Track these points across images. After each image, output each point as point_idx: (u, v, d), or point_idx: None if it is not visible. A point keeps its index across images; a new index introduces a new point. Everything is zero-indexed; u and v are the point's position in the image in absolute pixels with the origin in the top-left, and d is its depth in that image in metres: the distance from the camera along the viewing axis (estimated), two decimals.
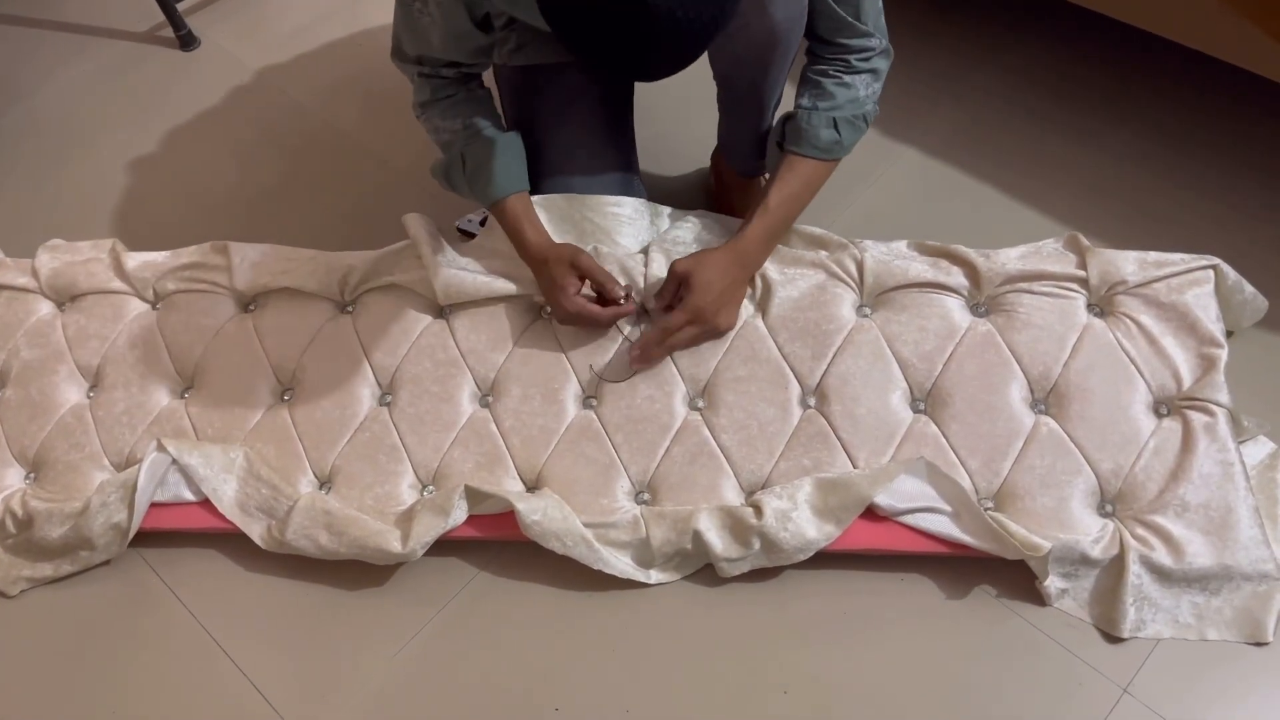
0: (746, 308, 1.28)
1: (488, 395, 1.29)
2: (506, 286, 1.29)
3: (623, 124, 1.39)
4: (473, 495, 1.19)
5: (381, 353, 1.31)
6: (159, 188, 1.74)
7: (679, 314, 1.22)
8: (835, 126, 1.20)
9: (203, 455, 1.25)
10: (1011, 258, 1.25)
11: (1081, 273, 1.22)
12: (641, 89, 1.41)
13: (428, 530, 1.18)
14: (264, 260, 1.38)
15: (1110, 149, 1.55)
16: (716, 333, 1.25)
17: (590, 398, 1.26)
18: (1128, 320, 1.20)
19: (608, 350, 1.27)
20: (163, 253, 1.43)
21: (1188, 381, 1.17)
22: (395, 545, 1.17)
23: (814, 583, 1.18)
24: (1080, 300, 1.23)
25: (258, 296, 1.38)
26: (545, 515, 1.16)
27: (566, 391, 1.26)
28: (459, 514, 1.19)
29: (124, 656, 1.23)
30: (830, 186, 1.26)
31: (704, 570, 1.20)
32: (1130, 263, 1.22)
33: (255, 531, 1.24)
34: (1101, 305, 1.23)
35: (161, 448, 1.26)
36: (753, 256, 1.25)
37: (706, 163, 1.57)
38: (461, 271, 1.30)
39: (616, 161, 1.36)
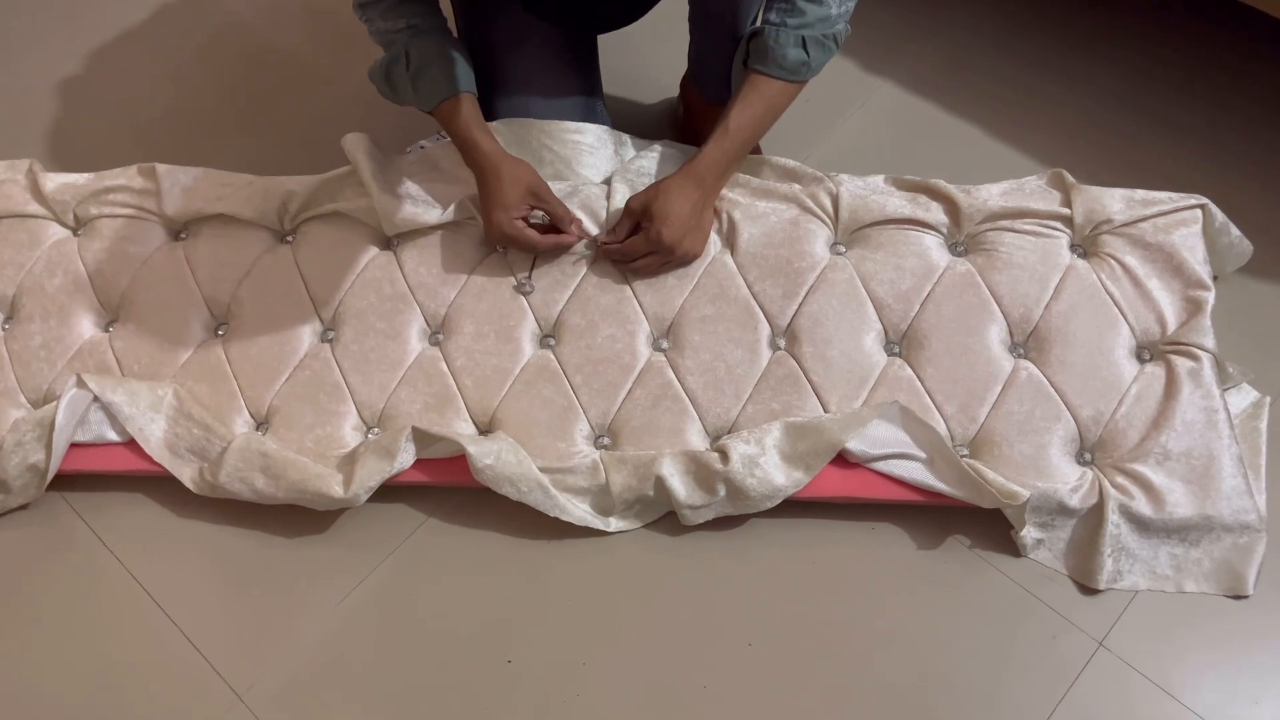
0: (714, 241, 1.21)
1: (438, 332, 1.21)
2: (459, 211, 1.20)
3: (586, 45, 1.30)
4: (421, 437, 1.11)
5: (323, 286, 1.22)
6: (86, 108, 1.62)
7: (639, 241, 1.15)
8: (804, 46, 1.12)
9: (128, 392, 1.16)
10: (993, 194, 1.19)
11: (1066, 210, 1.16)
12: None
13: (372, 474, 1.10)
14: (196, 185, 1.28)
15: (1093, 88, 1.49)
16: (684, 261, 1.18)
17: (548, 336, 1.19)
18: (1112, 261, 1.15)
19: (567, 288, 1.19)
20: (85, 175, 1.32)
21: (1172, 325, 1.13)
22: (337, 489, 1.10)
23: (780, 532, 1.12)
24: (1064, 239, 1.17)
25: (189, 224, 1.28)
26: (499, 459, 1.09)
27: (523, 329, 1.19)
28: (406, 457, 1.11)
29: (47, 609, 1.14)
30: (803, 120, 1.20)
31: (665, 519, 1.14)
32: (1117, 200, 1.16)
33: (186, 475, 1.16)
34: (1085, 245, 1.18)
35: (82, 384, 1.16)
36: (712, 180, 1.17)
37: (675, 91, 1.48)
38: (409, 198, 1.21)
39: (578, 85, 1.28)
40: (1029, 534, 1.07)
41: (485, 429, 1.17)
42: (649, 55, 1.51)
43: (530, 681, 1.06)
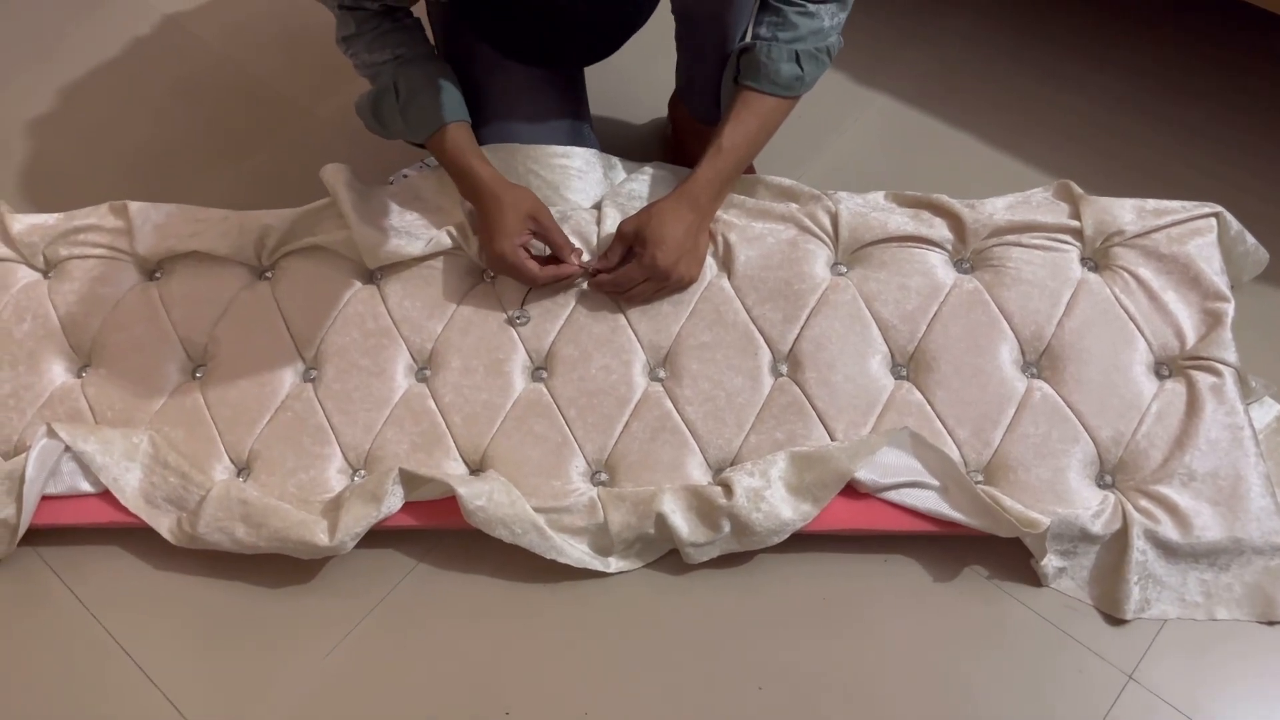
0: (710, 265, 1.16)
1: (424, 368, 1.15)
2: (442, 241, 1.16)
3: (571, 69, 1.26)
4: (408, 480, 1.06)
5: (304, 323, 1.17)
6: (57, 144, 1.56)
7: (634, 269, 1.11)
8: (797, 60, 1.08)
9: (101, 441, 1.11)
10: (999, 208, 1.14)
11: (1075, 223, 1.12)
12: None
13: (358, 520, 1.04)
14: (169, 222, 1.23)
15: (1094, 94, 1.45)
16: (680, 286, 1.13)
17: (540, 369, 1.14)
18: (1125, 274, 1.10)
19: (558, 318, 1.15)
20: (54, 215, 1.27)
21: (1191, 339, 1.08)
22: (322, 538, 1.04)
23: (789, 567, 1.07)
24: (1074, 253, 1.12)
25: (163, 262, 1.22)
26: (490, 500, 1.04)
27: (513, 362, 1.14)
28: (393, 501, 1.06)
29: (19, 668, 1.08)
30: (795, 137, 1.16)
31: (668, 556, 1.08)
32: (1128, 211, 1.12)
33: (164, 525, 1.10)
34: (1097, 258, 1.13)
35: (52, 433, 1.11)
36: (706, 201, 1.13)
37: (664, 111, 1.44)
38: (391, 230, 1.16)
39: (564, 108, 1.24)
40: (1050, 563, 1.02)
41: (476, 468, 1.11)
42: (636, 75, 1.47)
43: None
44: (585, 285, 1.16)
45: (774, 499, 1.03)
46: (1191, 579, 1.02)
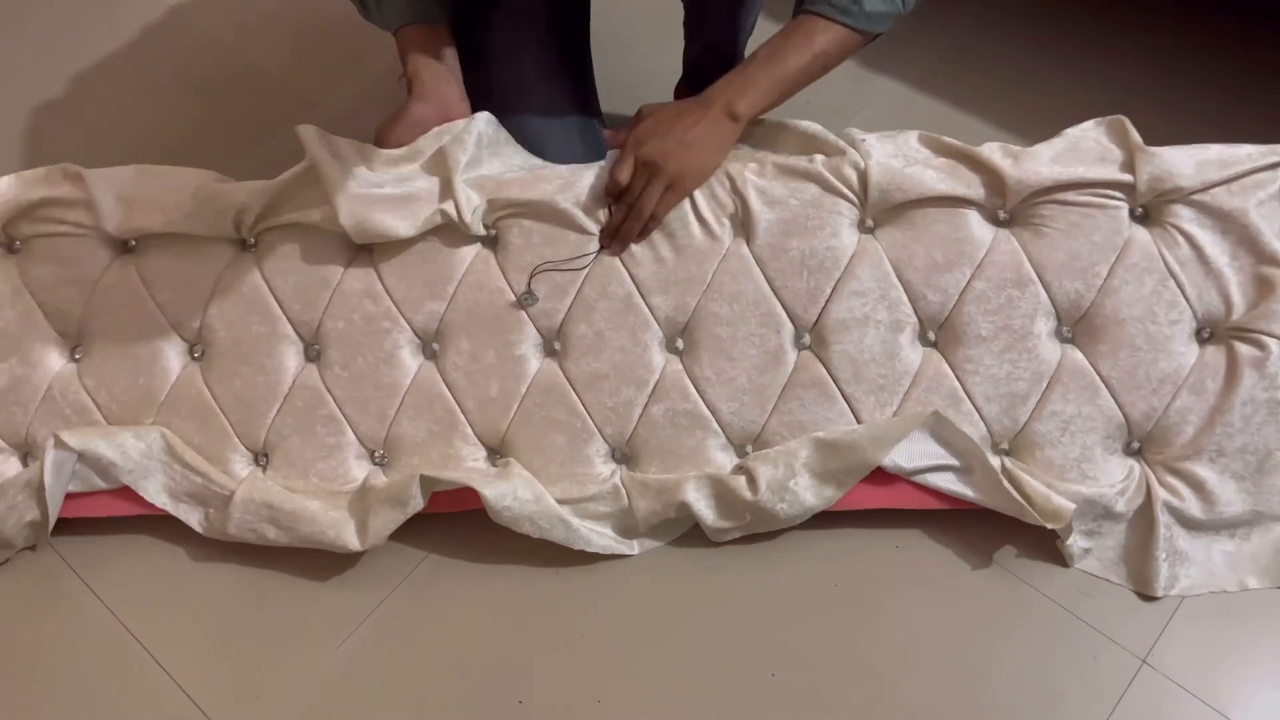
0: (727, 228, 1.06)
1: (432, 345, 1.10)
2: (432, 220, 1.06)
3: (580, 59, 1.17)
4: (430, 483, 1.06)
5: (299, 304, 1.10)
6: (61, 135, 1.53)
7: (622, 165, 1.00)
8: None
9: (115, 446, 1.08)
10: (1044, 160, 1.03)
11: (1127, 177, 1.01)
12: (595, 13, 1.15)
13: (386, 525, 1.05)
14: (135, 194, 1.12)
15: (1105, 78, 1.44)
16: (678, 182, 1.01)
17: (553, 350, 1.09)
18: (1176, 233, 1.02)
19: (568, 295, 1.08)
20: (4, 178, 1.16)
21: (1239, 307, 1.02)
22: (353, 541, 1.06)
23: (801, 549, 1.08)
24: (1123, 210, 1.03)
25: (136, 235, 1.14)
26: (515, 499, 1.04)
27: (524, 343, 1.08)
28: (417, 502, 1.06)
29: (35, 661, 1.08)
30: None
31: (680, 541, 1.09)
32: (1187, 165, 1.01)
33: (193, 519, 1.11)
34: (1148, 211, 1.04)
35: (61, 444, 1.08)
36: (717, 97, 1.01)
37: (670, 97, 1.32)
38: (379, 204, 1.06)
39: (575, 103, 1.15)
40: (1076, 543, 1.03)
41: (496, 449, 1.10)
42: (642, 59, 1.40)
43: None
44: (592, 251, 1.07)
45: (798, 488, 1.03)
46: (1215, 551, 1.03)
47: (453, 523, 1.11)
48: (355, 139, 1.11)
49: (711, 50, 1.15)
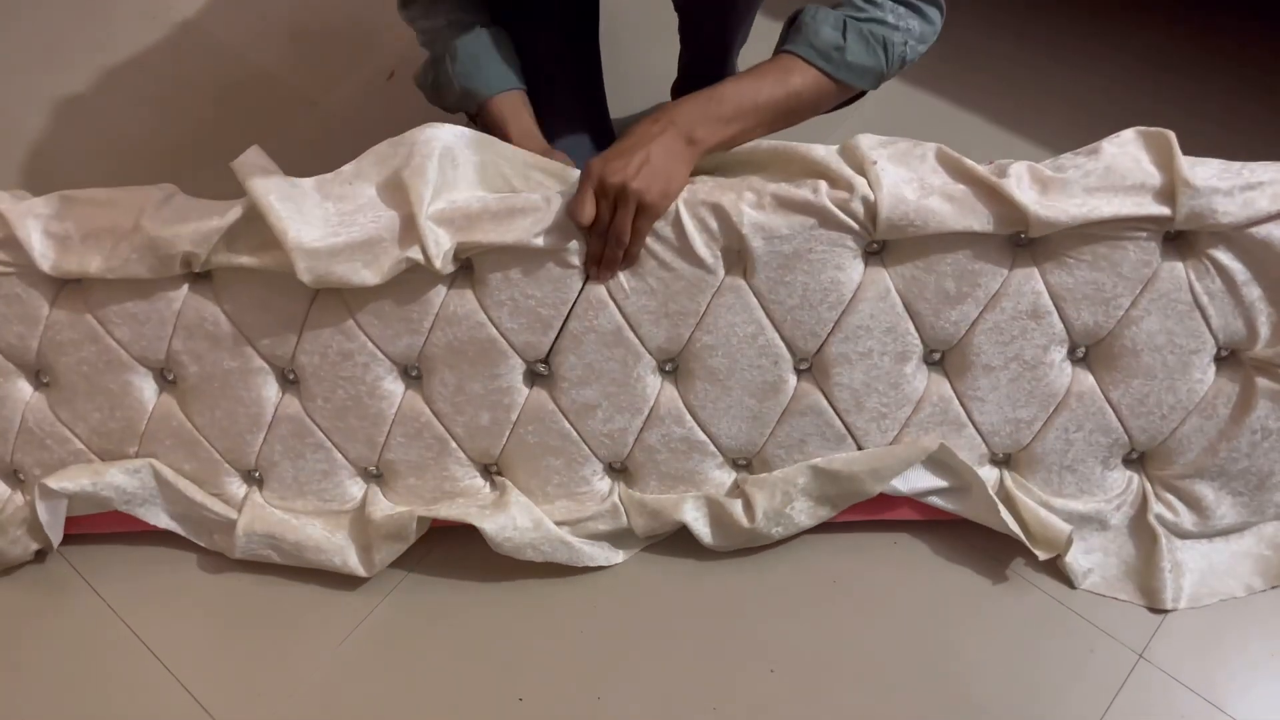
0: (719, 260, 0.97)
1: (413, 373, 1.05)
2: (398, 267, 0.96)
3: (593, 79, 1.21)
4: (427, 519, 1.06)
5: (266, 339, 1.03)
6: (64, 138, 1.55)
7: (580, 201, 0.93)
8: (843, 30, 0.90)
9: (106, 484, 1.07)
10: (1076, 191, 0.91)
11: (1164, 210, 0.90)
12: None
13: (388, 556, 1.08)
14: (63, 228, 1.00)
15: (1106, 73, 1.43)
16: (647, 201, 0.92)
17: (540, 362, 1.04)
18: (1209, 264, 0.93)
19: (552, 328, 1.01)
20: None
21: (1264, 339, 0.96)
22: (358, 569, 1.08)
23: (798, 549, 1.10)
24: (1155, 244, 0.93)
25: None
26: (516, 529, 1.05)
27: (511, 374, 1.03)
28: (416, 533, 1.07)
29: (39, 663, 1.12)
30: (799, 126, 0.95)
31: (678, 540, 1.10)
32: (1234, 203, 0.89)
33: (202, 540, 1.13)
34: (1180, 236, 0.94)
35: (48, 492, 1.07)
36: (677, 119, 0.93)
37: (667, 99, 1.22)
38: (338, 253, 0.95)
39: (589, 120, 1.19)
40: (1077, 562, 1.04)
41: (492, 466, 1.09)
42: (639, 62, 1.36)
43: (545, 718, 1.04)
44: (578, 279, 0.99)
45: (794, 512, 1.04)
46: (1215, 559, 1.04)
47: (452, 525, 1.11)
48: (355, 138, 1.05)
49: (703, 58, 1.09)
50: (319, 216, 0.97)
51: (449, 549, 1.13)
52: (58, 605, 1.15)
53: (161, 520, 1.12)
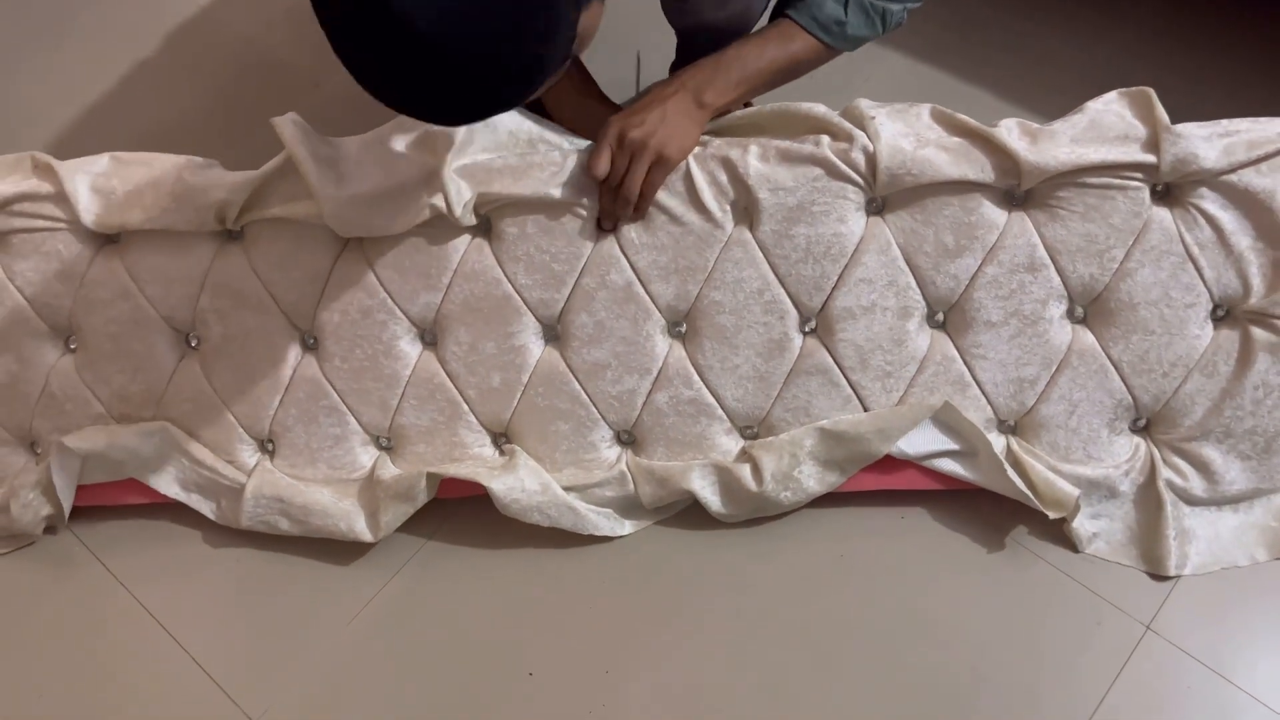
0: (727, 213, 1.02)
1: (429, 335, 1.08)
2: (420, 215, 1.01)
3: None
4: (437, 477, 1.06)
5: (291, 296, 1.07)
6: (64, 122, 1.54)
7: (597, 155, 0.98)
8: (845, 3, 0.95)
9: (121, 448, 1.09)
10: (1063, 140, 0.97)
11: (1149, 158, 0.96)
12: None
13: (396, 518, 1.08)
14: (109, 184, 1.07)
15: (1111, 46, 1.42)
16: (663, 154, 0.97)
17: (552, 338, 1.07)
18: (1198, 214, 0.98)
19: (565, 284, 1.04)
20: None
21: (1257, 289, 0.99)
22: (365, 533, 1.08)
23: (807, 524, 1.09)
24: (1144, 191, 0.98)
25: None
26: (523, 491, 1.05)
27: (524, 332, 1.06)
28: (424, 496, 1.07)
29: (52, 639, 1.11)
30: (806, 98, 1.03)
31: (687, 514, 1.11)
32: (1214, 148, 0.95)
33: (207, 509, 1.13)
34: (1169, 190, 0.99)
35: (63, 449, 1.08)
36: (686, 82, 1.00)
37: None
38: (364, 202, 1.01)
39: None
40: (1083, 526, 1.03)
41: (501, 435, 1.10)
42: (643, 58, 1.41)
43: (554, 693, 1.04)
44: (589, 241, 1.04)
45: (802, 476, 1.04)
46: (1221, 526, 1.04)
47: (459, 501, 1.11)
48: (358, 120, 1.06)
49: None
50: (349, 169, 1.02)
51: (458, 525, 1.13)
52: (66, 578, 1.15)
53: (172, 489, 1.12)
